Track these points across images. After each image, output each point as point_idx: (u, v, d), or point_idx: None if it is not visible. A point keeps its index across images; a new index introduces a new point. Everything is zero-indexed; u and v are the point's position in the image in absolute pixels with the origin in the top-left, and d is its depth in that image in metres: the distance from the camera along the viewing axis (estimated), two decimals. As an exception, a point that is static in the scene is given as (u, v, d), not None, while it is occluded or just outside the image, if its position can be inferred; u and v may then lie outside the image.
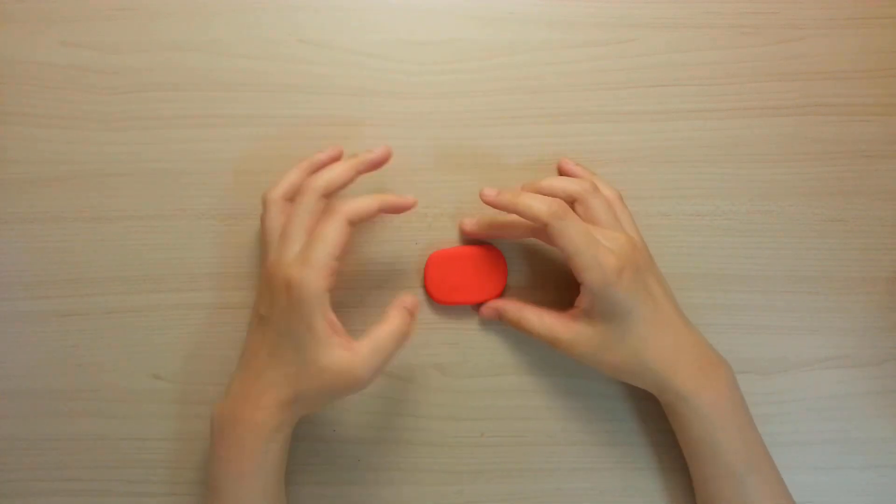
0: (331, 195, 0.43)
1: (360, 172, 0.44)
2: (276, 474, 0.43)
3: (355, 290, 0.49)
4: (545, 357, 0.49)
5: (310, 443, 0.49)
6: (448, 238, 0.49)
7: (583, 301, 0.44)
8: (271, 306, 0.41)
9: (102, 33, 0.50)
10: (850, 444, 0.49)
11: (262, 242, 0.45)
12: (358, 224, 0.41)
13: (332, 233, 0.40)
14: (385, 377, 0.49)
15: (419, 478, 0.49)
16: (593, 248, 0.41)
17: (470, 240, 0.49)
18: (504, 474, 0.49)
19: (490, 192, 0.44)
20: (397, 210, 0.43)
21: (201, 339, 0.49)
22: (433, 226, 0.49)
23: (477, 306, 0.49)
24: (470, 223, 0.48)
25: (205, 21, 0.50)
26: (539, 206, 0.42)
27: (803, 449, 0.49)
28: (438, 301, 0.48)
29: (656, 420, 0.48)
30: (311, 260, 0.39)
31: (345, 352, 0.40)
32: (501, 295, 0.49)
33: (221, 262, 0.49)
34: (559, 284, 0.49)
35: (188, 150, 0.50)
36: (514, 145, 0.50)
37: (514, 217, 0.44)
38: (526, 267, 0.49)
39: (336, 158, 0.47)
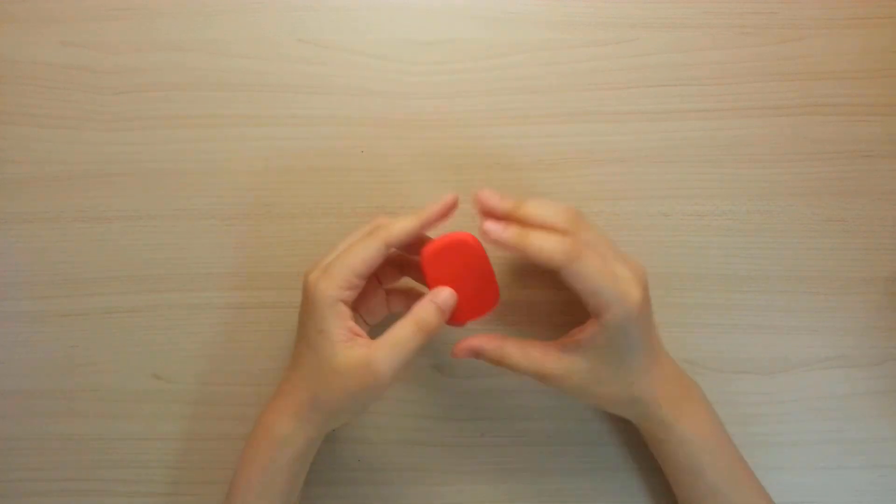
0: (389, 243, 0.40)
1: (424, 226, 0.41)
2: (283, 485, 0.42)
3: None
4: (545, 357, 0.49)
5: (310, 443, 0.49)
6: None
7: (587, 333, 0.40)
8: (300, 313, 0.42)
9: (102, 33, 0.50)
10: (850, 444, 0.49)
11: None
12: (397, 245, 0.41)
13: (363, 250, 0.40)
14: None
15: (419, 478, 0.49)
16: (614, 284, 0.38)
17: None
18: (504, 474, 0.49)
19: (495, 228, 0.39)
20: (441, 218, 0.41)
21: (201, 339, 0.49)
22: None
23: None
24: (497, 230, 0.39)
25: (205, 21, 0.50)
26: (552, 247, 0.37)
27: (803, 449, 0.49)
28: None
29: (656, 420, 0.48)
30: (331, 269, 0.40)
31: (360, 349, 0.39)
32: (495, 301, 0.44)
33: (221, 262, 0.49)
34: (556, 284, 0.49)
35: (188, 150, 0.50)
36: (515, 145, 0.50)
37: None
38: (524, 267, 0.49)
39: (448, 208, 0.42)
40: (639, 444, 0.49)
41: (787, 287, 0.49)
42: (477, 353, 0.43)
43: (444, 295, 0.41)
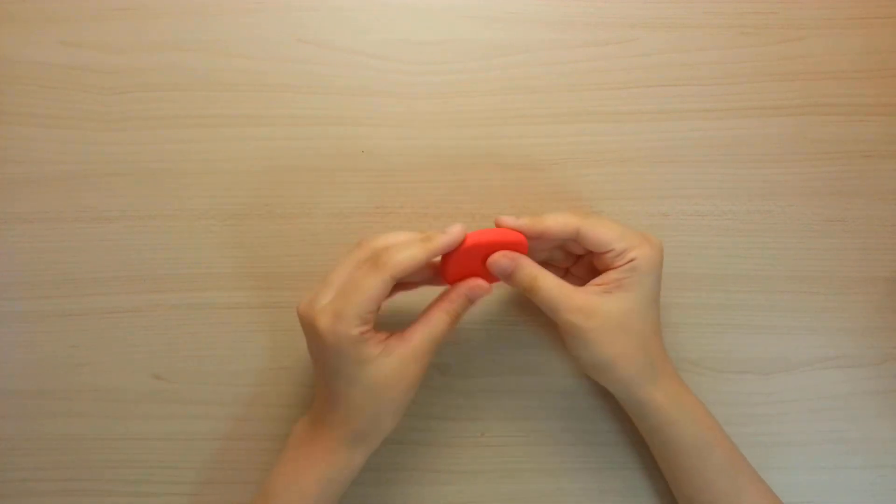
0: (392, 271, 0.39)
1: (431, 257, 0.40)
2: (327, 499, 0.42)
3: (355, 290, 0.49)
4: (545, 357, 0.49)
5: (310, 443, 0.49)
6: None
7: (611, 277, 0.41)
8: (312, 348, 0.41)
9: (102, 33, 0.50)
10: (850, 444, 0.49)
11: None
12: (403, 277, 0.39)
13: (371, 289, 0.38)
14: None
15: (419, 478, 0.49)
16: (631, 231, 0.41)
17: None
18: (504, 474, 0.49)
19: (510, 218, 0.42)
20: (447, 250, 0.40)
21: (201, 339, 0.49)
22: (433, 226, 0.49)
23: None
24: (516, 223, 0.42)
25: (205, 21, 0.50)
26: (564, 215, 0.42)
27: (803, 449, 0.49)
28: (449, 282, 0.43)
29: (656, 420, 0.48)
30: (342, 311, 0.38)
31: (398, 349, 0.40)
32: None
33: (221, 262, 0.49)
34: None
35: (188, 150, 0.50)
36: (515, 145, 0.50)
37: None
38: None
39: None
40: (640, 444, 0.49)
41: (787, 287, 0.49)
42: (512, 270, 0.41)
43: (461, 293, 0.41)
